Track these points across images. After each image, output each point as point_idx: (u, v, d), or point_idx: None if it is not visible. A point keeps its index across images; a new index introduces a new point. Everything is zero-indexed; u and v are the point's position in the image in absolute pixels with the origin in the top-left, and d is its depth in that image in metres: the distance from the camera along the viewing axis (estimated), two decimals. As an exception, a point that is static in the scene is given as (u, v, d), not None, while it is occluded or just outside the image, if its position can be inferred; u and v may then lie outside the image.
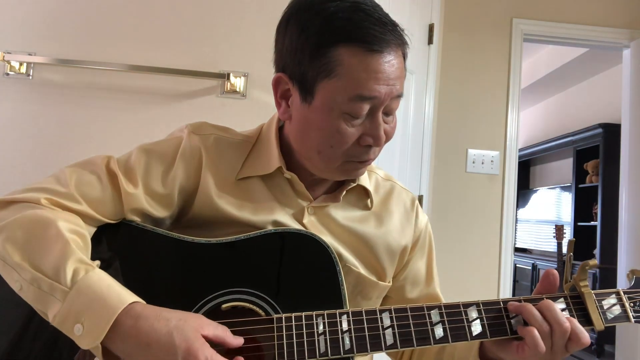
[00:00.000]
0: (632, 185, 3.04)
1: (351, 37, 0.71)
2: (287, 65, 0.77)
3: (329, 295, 0.73)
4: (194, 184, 0.82)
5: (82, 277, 0.63)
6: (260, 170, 0.83)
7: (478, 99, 2.95)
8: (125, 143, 1.73)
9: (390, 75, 0.73)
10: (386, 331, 0.70)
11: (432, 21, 2.56)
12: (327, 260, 0.75)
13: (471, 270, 2.83)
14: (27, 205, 0.72)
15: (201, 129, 0.85)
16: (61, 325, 0.62)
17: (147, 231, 0.78)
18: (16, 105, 1.73)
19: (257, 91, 1.76)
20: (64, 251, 0.65)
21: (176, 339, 0.61)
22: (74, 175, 0.76)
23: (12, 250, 0.66)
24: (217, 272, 0.75)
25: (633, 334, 2.99)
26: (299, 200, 0.84)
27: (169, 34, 1.77)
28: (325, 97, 0.73)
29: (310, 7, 0.74)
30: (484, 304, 0.73)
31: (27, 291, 0.64)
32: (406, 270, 0.92)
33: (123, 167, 0.79)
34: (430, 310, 0.72)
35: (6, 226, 0.68)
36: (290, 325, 0.69)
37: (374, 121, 0.75)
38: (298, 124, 0.79)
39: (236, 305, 0.73)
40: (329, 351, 0.68)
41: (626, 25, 3.03)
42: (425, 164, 2.55)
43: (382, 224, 0.88)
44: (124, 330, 0.62)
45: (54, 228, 0.67)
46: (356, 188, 0.88)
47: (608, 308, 0.74)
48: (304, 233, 0.77)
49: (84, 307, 0.62)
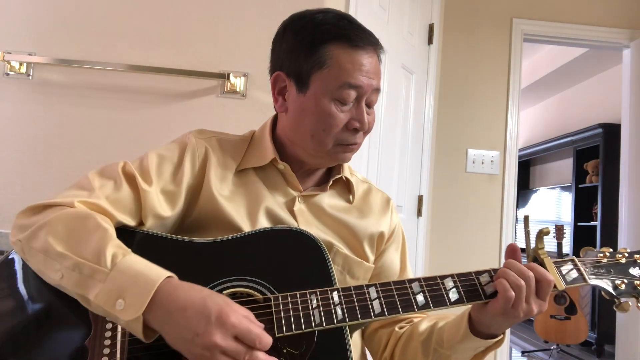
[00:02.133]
0: (632, 185, 3.04)
1: (338, 36, 0.87)
2: (284, 64, 0.91)
3: (320, 278, 0.81)
4: (199, 181, 0.90)
5: (120, 260, 0.70)
6: (256, 162, 0.94)
7: (478, 99, 2.95)
8: (125, 143, 1.74)
9: (371, 70, 0.88)
10: (374, 302, 0.77)
11: (432, 21, 2.56)
12: (317, 250, 0.83)
13: (471, 270, 2.83)
14: (62, 207, 0.78)
15: (203, 133, 0.97)
16: (104, 302, 0.67)
17: (149, 235, 0.84)
18: (16, 105, 1.73)
19: (257, 91, 1.76)
20: (103, 238, 0.72)
21: (209, 302, 0.67)
22: (95, 180, 0.84)
23: (54, 242, 0.72)
24: (217, 266, 0.81)
25: (633, 334, 2.99)
26: (290, 190, 0.95)
27: (168, 34, 1.77)
28: (318, 86, 0.87)
29: (302, 18, 0.91)
30: (458, 275, 0.82)
31: (68, 278, 0.70)
32: (382, 259, 1.01)
33: (139, 169, 0.87)
34: (411, 282, 0.80)
35: (48, 222, 0.75)
36: (287, 302, 0.76)
37: (359, 108, 0.89)
38: (294, 114, 0.91)
39: (235, 291, 0.78)
40: (323, 321, 0.74)
41: (626, 25, 3.04)
42: (425, 164, 2.55)
43: (363, 217, 0.99)
44: (163, 298, 0.67)
45: (92, 220, 0.75)
46: (340, 182, 1.00)
47: (566, 273, 0.85)
48: (295, 230, 0.85)
49: (125, 284, 0.68)
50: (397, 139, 2.28)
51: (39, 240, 0.74)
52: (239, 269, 0.80)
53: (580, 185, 4.91)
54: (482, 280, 0.82)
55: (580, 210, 4.89)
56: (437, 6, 2.60)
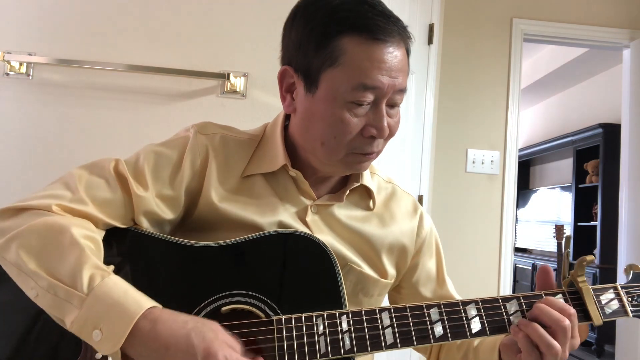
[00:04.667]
0: (632, 185, 3.04)
1: (355, 27, 0.72)
2: (293, 58, 0.78)
3: (329, 296, 0.73)
4: (199, 185, 0.82)
5: (98, 284, 0.63)
6: (265, 167, 0.83)
7: (478, 99, 2.95)
8: (125, 143, 1.74)
9: (393, 67, 0.74)
10: (386, 330, 0.70)
11: (432, 21, 2.55)
12: (326, 261, 0.74)
13: (471, 270, 2.83)
14: (38, 212, 0.71)
15: (207, 128, 0.86)
16: (79, 331, 0.62)
17: (146, 235, 0.78)
18: (16, 105, 1.73)
19: (257, 91, 1.76)
20: (79, 258, 0.65)
21: (195, 339, 0.61)
22: (83, 179, 0.76)
23: (27, 258, 0.66)
24: (217, 275, 0.75)
25: (633, 334, 2.99)
26: (302, 199, 0.85)
27: (169, 34, 1.77)
28: (329, 87, 0.74)
29: (316, 2, 0.76)
30: (483, 302, 0.73)
31: (43, 298, 0.64)
32: (417, 272, 0.93)
33: (132, 170, 0.79)
34: (430, 309, 0.72)
35: (20, 234, 0.68)
36: (290, 327, 0.69)
37: (377, 112, 0.75)
38: (302, 116, 0.79)
39: (236, 307, 0.73)
40: (329, 351, 0.68)
41: (626, 25, 3.03)
42: (425, 164, 2.55)
43: (384, 225, 0.89)
44: (143, 334, 0.62)
45: (68, 235, 0.67)
46: (359, 188, 0.88)
47: (606, 303, 0.74)
48: (302, 234, 0.77)
49: (101, 313, 0.62)
50: (397, 139, 2.28)
51: (10, 253, 0.67)
52: (241, 281, 0.74)
53: (580, 185, 4.91)
54: (509, 308, 0.73)
55: (580, 210, 4.89)
56: (437, 6, 2.60)
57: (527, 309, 0.73)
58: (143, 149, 0.83)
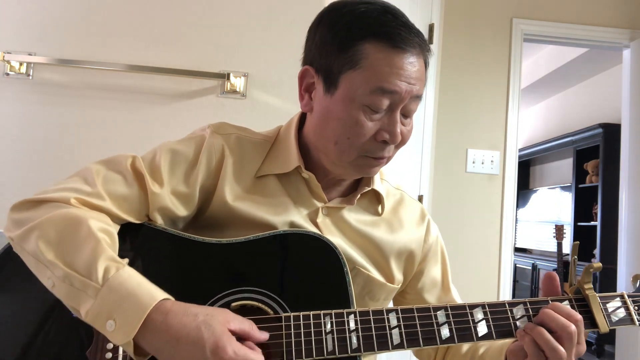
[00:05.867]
0: (632, 185, 3.04)
1: (378, 34, 0.75)
2: (315, 59, 0.81)
3: (337, 295, 0.74)
4: (214, 183, 0.83)
5: (113, 275, 0.65)
6: (278, 168, 0.86)
7: (478, 99, 2.95)
8: (125, 143, 1.74)
9: (412, 75, 0.76)
10: (393, 331, 0.71)
11: (432, 21, 2.55)
12: (335, 261, 0.76)
13: (471, 270, 2.83)
14: (57, 205, 0.73)
15: (223, 128, 0.88)
16: (94, 321, 0.64)
17: (159, 231, 0.80)
18: (16, 105, 1.73)
19: (257, 91, 1.76)
20: (96, 249, 0.67)
21: (204, 333, 0.63)
22: (101, 173, 0.78)
23: (45, 248, 0.68)
24: (227, 272, 0.76)
25: (633, 334, 2.99)
26: (313, 201, 0.87)
27: (168, 34, 1.77)
28: (347, 88, 0.76)
29: (342, 7, 0.79)
30: (490, 306, 0.74)
31: (59, 288, 0.66)
32: (422, 278, 0.94)
33: (149, 167, 0.81)
34: (437, 311, 0.73)
35: (39, 225, 0.70)
36: (299, 324, 0.70)
37: (391, 117, 0.78)
38: (319, 115, 0.82)
39: (245, 304, 0.74)
40: (336, 350, 0.69)
41: (626, 25, 3.03)
42: (425, 164, 2.55)
43: (393, 231, 0.91)
44: (155, 326, 0.63)
45: (85, 227, 0.69)
46: (369, 193, 0.90)
47: (612, 311, 0.75)
48: (312, 234, 0.78)
49: (115, 304, 0.63)
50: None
51: (30, 243, 0.70)
52: (251, 278, 0.75)
53: (580, 185, 4.91)
54: (515, 313, 0.74)
55: (580, 210, 4.89)
56: (437, 6, 2.60)
57: (533, 314, 0.74)
58: (159, 146, 0.85)
